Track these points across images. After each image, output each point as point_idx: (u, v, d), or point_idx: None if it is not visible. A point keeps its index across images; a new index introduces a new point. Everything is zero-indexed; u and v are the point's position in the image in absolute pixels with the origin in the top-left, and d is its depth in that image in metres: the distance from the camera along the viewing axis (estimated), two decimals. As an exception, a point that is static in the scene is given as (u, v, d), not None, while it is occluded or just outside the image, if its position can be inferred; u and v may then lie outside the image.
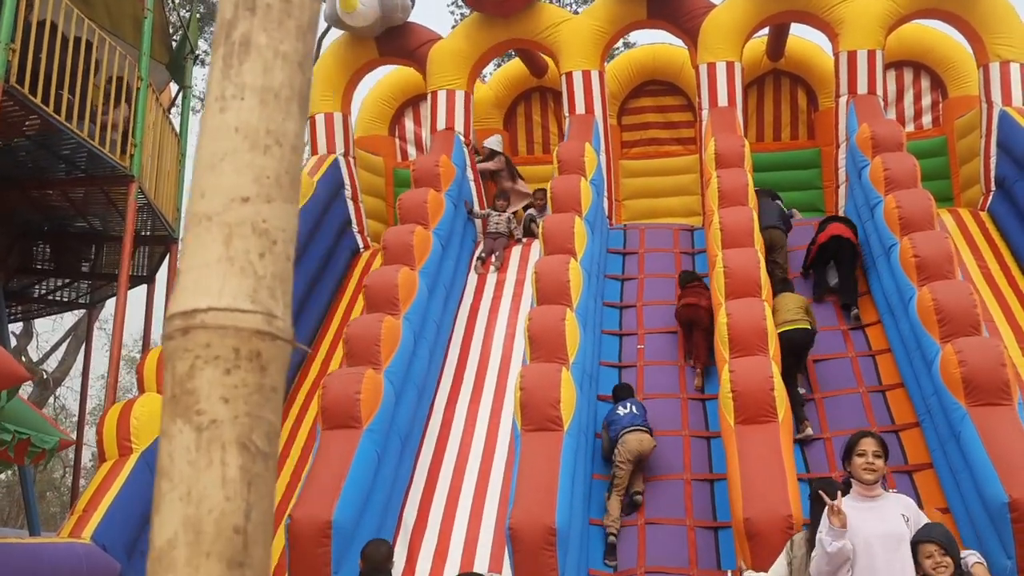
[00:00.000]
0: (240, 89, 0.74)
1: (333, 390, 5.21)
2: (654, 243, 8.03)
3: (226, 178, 0.73)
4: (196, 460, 0.67)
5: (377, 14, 8.04)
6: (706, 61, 7.92)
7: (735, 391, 5.04)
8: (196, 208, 0.74)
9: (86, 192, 7.21)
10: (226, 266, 0.72)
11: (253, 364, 0.71)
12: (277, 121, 0.75)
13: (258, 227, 0.73)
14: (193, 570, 0.66)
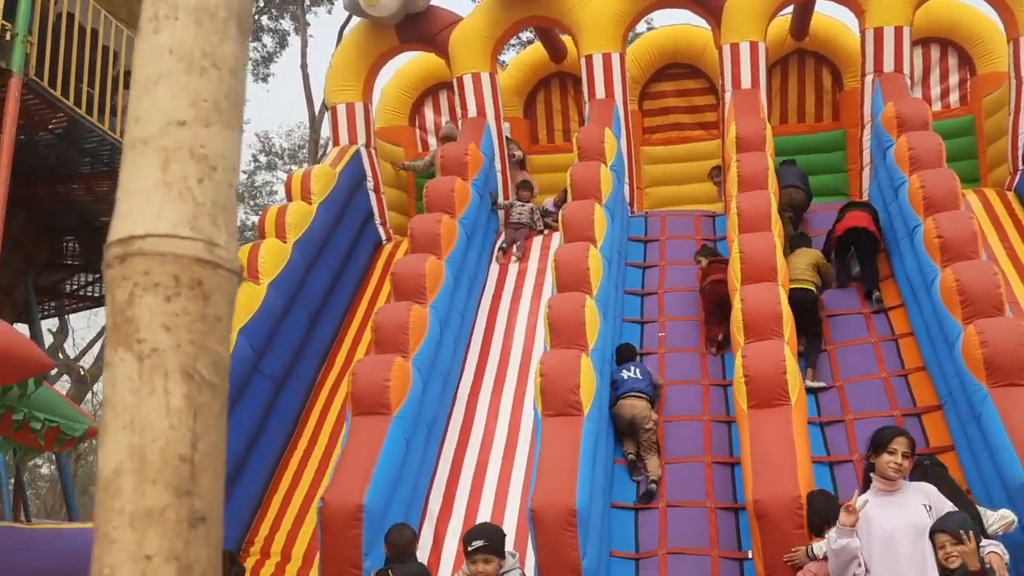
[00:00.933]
0: (173, 8, 0.72)
1: (363, 377, 5.26)
2: (676, 230, 7.98)
3: (161, 101, 0.71)
4: (139, 388, 0.66)
5: (399, 3, 8.03)
6: (729, 41, 7.82)
7: (748, 376, 5.02)
8: (132, 133, 0.72)
9: (110, 186, 7.31)
10: (163, 191, 0.70)
11: (195, 292, 0.69)
12: (214, 42, 0.72)
13: (196, 152, 0.71)
14: (140, 497, 0.65)
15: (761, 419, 4.79)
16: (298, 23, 21.13)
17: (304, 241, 6.92)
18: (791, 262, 6.24)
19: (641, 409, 5.62)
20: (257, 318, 6.12)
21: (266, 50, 21.49)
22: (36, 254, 7.74)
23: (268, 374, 6.22)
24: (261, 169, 24.09)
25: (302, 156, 24.20)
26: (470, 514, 5.56)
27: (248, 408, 5.91)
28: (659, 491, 5.47)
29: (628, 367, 5.91)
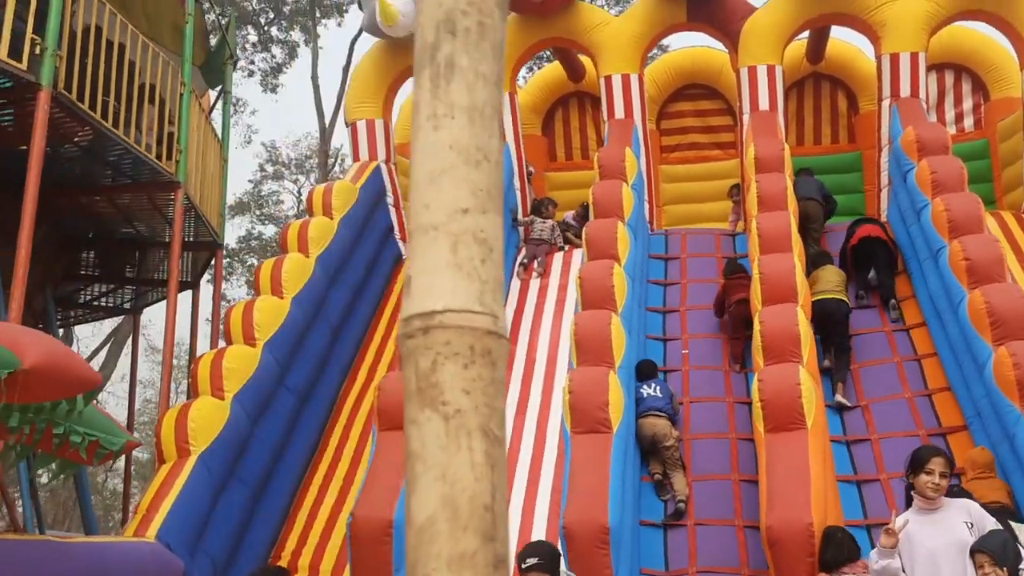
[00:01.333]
0: (450, 108, 0.80)
1: (389, 392, 5.27)
2: (696, 248, 8.03)
3: (446, 192, 0.79)
4: (447, 445, 0.74)
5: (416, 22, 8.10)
6: (747, 64, 7.91)
7: (763, 399, 5.04)
8: (421, 219, 0.80)
9: (132, 198, 7.34)
10: (455, 271, 0.78)
11: (486, 360, 0.78)
12: (484, 138, 0.80)
13: (478, 236, 0.80)
14: (455, 543, 0.72)
15: (777, 443, 4.81)
16: (308, 35, 21.26)
17: (326, 256, 6.95)
18: (821, 275, 6.38)
19: (661, 428, 5.65)
20: (281, 332, 6.13)
21: (275, 61, 21.61)
22: (55, 265, 7.75)
23: (292, 388, 6.22)
24: (268, 179, 24.15)
25: (309, 166, 24.27)
26: (494, 531, 5.55)
27: (273, 422, 5.91)
28: (687, 509, 5.48)
29: (649, 384, 5.95)
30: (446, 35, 0.81)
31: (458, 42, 0.81)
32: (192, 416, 5.17)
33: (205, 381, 5.51)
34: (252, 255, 22.87)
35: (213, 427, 5.24)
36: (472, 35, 0.82)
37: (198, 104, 7.47)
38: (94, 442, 3.63)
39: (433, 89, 0.81)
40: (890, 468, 5.36)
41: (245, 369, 5.66)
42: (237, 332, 5.93)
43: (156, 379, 23.44)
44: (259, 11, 20.75)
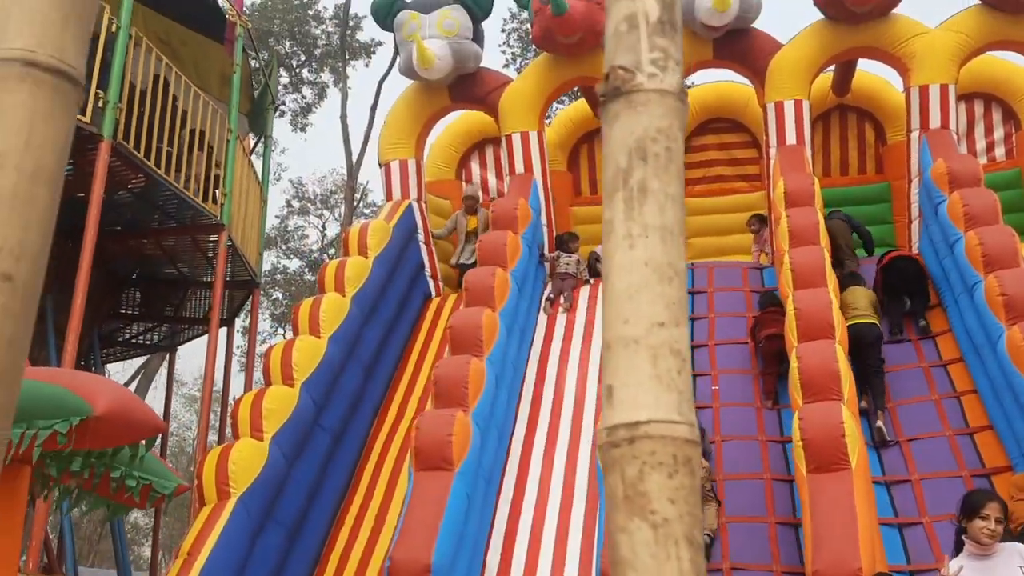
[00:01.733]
0: (644, 228, 0.86)
1: (426, 432, 5.33)
2: (723, 282, 8.03)
3: (644, 307, 0.84)
4: (656, 554, 0.78)
5: (451, 66, 8.32)
6: (773, 100, 7.98)
7: (804, 439, 4.98)
8: (621, 332, 0.84)
9: (177, 239, 7.58)
10: (656, 383, 0.83)
11: (686, 468, 0.83)
12: (674, 255, 0.86)
13: (673, 348, 0.84)
14: None
15: (821, 484, 4.76)
16: (337, 75, 21.81)
17: (361, 294, 7.08)
18: (848, 298, 6.39)
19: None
20: (318, 372, 6.25)
21: (305, 101, 22.17)
22: (102, 305, 8.00)
23: (327, 427, 6.32)
24: (293, 214, 24.61)
25: (334, 201, 24.73)
26: (529, 570, 5.55)
27: (309, 462, 6.00)
28: (721, 550, 5.43)
29: None
30: (638, 161, 0.87)
31: (649, 167, 0.87)
32: (233, 459, 5.28)
33: (245, 422, 5.63)
34: (277, 288, 23.23)
35: (252, 469, 5.34)
36: (661, 160, 0.88)
37: (243, 148, 7.73)
38: (147, 486, 3.74)
39: (627, 211, 0.87)
40: (932, 511, 5.27)
41: (284, 410, 5.77)
42: (276, 372, 6.06)
43: (178, 411, 23.71)
44: (291, 54, 21.35)
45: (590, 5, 8.00)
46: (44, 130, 0.83)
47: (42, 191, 0.82)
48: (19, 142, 0.81)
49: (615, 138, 0.87)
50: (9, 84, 0.83)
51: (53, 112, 0.84)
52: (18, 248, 0.78)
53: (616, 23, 0.87)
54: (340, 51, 21.24)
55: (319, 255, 24.27)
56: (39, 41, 0.84)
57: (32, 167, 0.81)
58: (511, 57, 21.16)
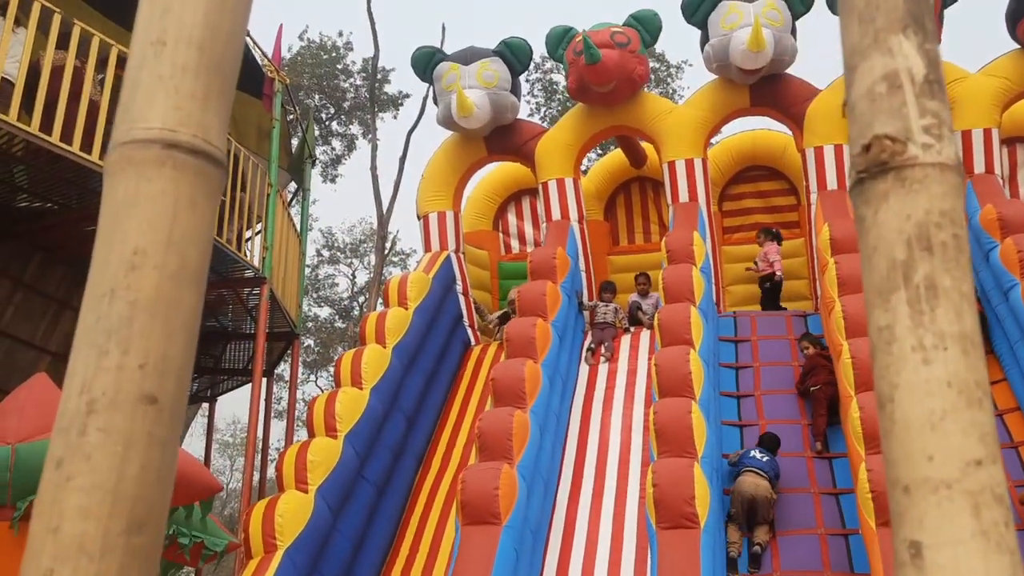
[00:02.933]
0: (940, 338, 0.69)
1: (472, 485, 5.25)
2: (767, 330, 7.92)
3: (953, 440, 0.68)
4: None
5: (490, 116, 8.45)
6: (812, 145, 7.97)
7: (875, 491, 4.83)
8: (926, 472, 0.68)
9: (219, 293, 7.67)
10: (982, 541, 0.65)
11: None
12: (979, 371, 0.69)
13: (995, 493, 0.66)
14: None
15: (892, 538, 4.58)
16: (366, 128, 22.29)
17: (402, 346, 7.08)
18: None
19: (761, 490, 5.66)
20: (361, 423, 6.21)
21: (335, 153, 22.64)
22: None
23: (371, 479, 6.25)
24: (324, 263, 24.91)
25: (363, 250, 25.01)
26: (578, 629, 5.37)
27: (353, 515, 5.92)
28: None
29: (762, 450, 6.02)
30: (922, 253, 0.70)
31: (937, 260, 0.71)
32: (279, 511, 5.22)
33: (290, 474, 5.58)
34: (308, 336, 23.37)
35: (298, 521, 5.28)
36: (950, 250, 0.71)
37: (281, 202, 7.86)
38: (199, 544, 3.70)
39: (914, 315, 0.70)
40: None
41: (328, 462, 5.72)
42: (319, 424, 6.03)
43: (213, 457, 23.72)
44: (320, 107, 21.90)
45: (623, 54, 8.11)
46: (187, 221, 0.72)
47: (186, 294, 0.71)
48: (160, 237, 0.70)
49: (886, 223, 0.71)
50: (148, 170, 0.72)
51: (196, 200, 0.73)
52: (162, 363, 0.68)
53: (870, 83, 0.73)
54: (369, 104, 21.74)
55: (349, 303, 24.45)
56: (180, 118, 0.74)
57: (175, 266, 0.70)
58: (535, 107, 21.51)
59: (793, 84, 8.32)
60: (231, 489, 24.26)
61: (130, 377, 0.67)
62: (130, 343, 0.68)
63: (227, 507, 22.87)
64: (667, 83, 20.96)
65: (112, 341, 0.68)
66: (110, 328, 0.68)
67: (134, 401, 0.66)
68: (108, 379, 0.66)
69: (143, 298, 0.69)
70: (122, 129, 0.74)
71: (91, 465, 0.64)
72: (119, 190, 0.72)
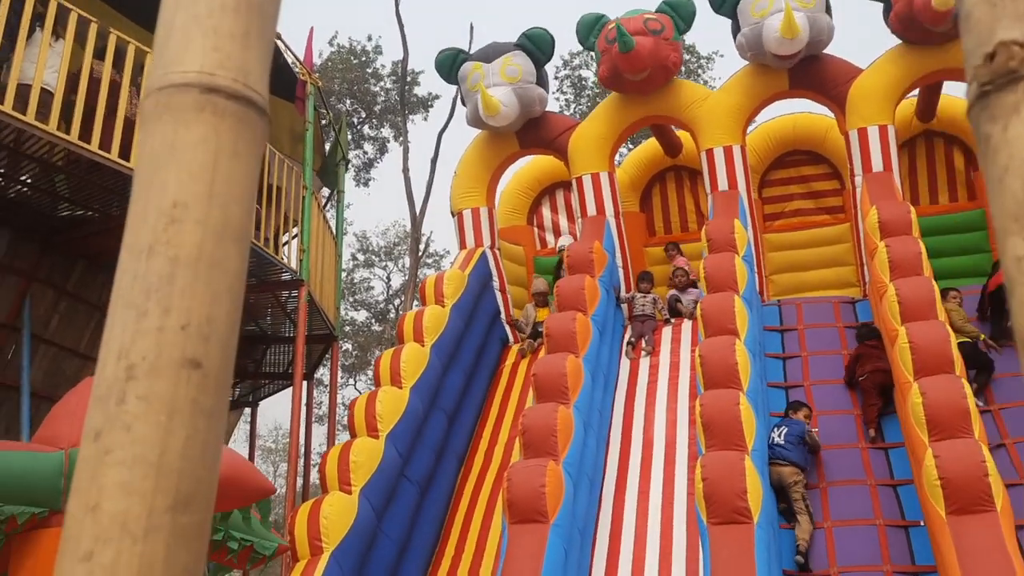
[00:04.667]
0: None
1: (518, 483, 5.16)
2: (814, 318, 7.69)
3: None
4: None
5: (517, 112, 8.36)
6: (856, 127, 7.72)
7: (944, 478, 4.63)
8: None
9: (257, 297, 7.70)
10: None
11: None
12: None
13: None
14: None
15: (965, 527, 4.39)
16: (397, 131, 22.39)
17: (440, 344, 7.02)
18: None
19: (786, 476, 5.70)
20: (402, 423, 6.16)
21: (367, 157, 22.78)
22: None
23: (414, 479, 6.20)
24: (359, 267, 25.08)
25: (397, 252, 25.14)
26: (630, 629, 5.25)
27: (398, 515, 5.87)
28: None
29: (780, 425, 6.06)
30: None
31: None
32: (324, 512, 5.19)
33: (333, 476, 5.56)
34: (346, 340, 23.56)
35: (343, 523, 5.24)
36: None
37: (317, 204, 7.87)
38: (248, 547, 3.67)
39: None
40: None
41: (371, 462, 5.68)
42: (360, 424, 6.00)
43: (257, 463, 24.03)
44: (351, 112, 22.05)
45: (657, 41, 7.95)
46: (230, 172, 0.66)
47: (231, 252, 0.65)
48: (201, 189, 0.64)
49: (1019, 139, 0.63)
50: (186, 116, 0.66)
51: (238, 149, 0.67)
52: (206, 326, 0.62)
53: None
54: (400, 107, 21.82)
55: (385, 305, 24.58)
56: (219, 60, 0.67)
57: (218, 221, 0.64)
58: (565, 104, 21.36)
59: (833, 64, 8.08)
60: (276, 495, 24.53)
61: (172, 340, 0.61)
62: (171, 303, 0.61)
63: (272, 512, 23.15)
64: (698, 75, 20.65)
65: (152, 300, 0.61)
66: (149, 287, 0.62)
67: (177, 366, 0.60)
68: (148, 342, 0.60)
69: (184, 255, 0.63)
70: (157, 75, 0.68)
71: (132, 436, 0.58)
72: (156, 138, 0.66)
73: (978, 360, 6.23)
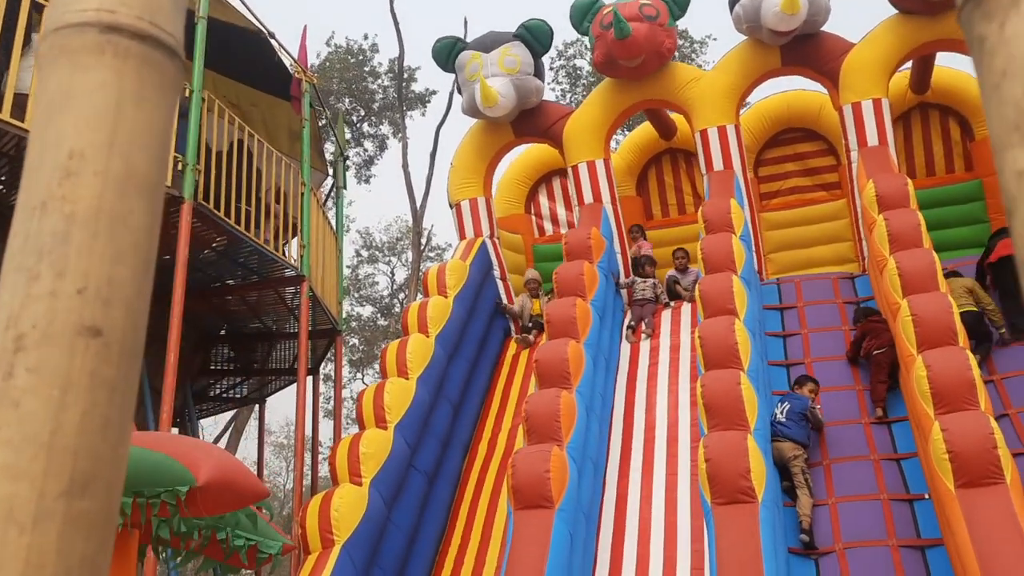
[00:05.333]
0: None
1: (522, 469, 5.21)
2: (813, 295, 7.71)
3: None
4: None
5: (515, 103, 8.37)
6: (850, 101, 7.70)
7: (952, 451, 4.62)
8: None
9: (260, 294, 7.77)
10: None
11: None
12: None
13: None
14: None
15: (974, 500, 4.40)
16: (396, 127, 22.38)
17: (444, 334, 7.07)
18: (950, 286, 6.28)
19: (787, 451, 5.72)
20: (410, 414, 6.23)
21: (367, 154, 22.79)
22: (192, 362, 8.23)
23: (422, 469, 6.26)
24: (363, 263, 25.16)
25: (400, 247, 25.20)
26: (638, 609, 5.31)
27: (407, 506, 5.94)
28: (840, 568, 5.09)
29: (784, 400, 6.06)
30: None
31: None
32: (335, 505, 5.26)
33: (343, 468, 5.62)
34: (352, 335, 23.66)
35: (354, 515, 5.30)
36: None
37: (316, 200, 7.91)
38: (253, 546, 3.72)
39: None
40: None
41: (380, 454, 5.74)
42: (369, 416, 6.06)
43: (268, 459, 24.21)
44: (350, 110, 22.06)
45: (652, 27, 7.94)
46: (134, 120, 0.59)
47: (136, 207, 0.58)
48: (101, 138, 0.58)
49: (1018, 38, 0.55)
50: (83, 59, 0.59)
51: (144, 94, 0.60)
52: (107, 288, 0.55)
53: None
54: (398, 103, 21.82)
55: (390, 300, 24.66)
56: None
57: (121, 172, 0.58)
58: (560, 94, 21.30)
59: (826, 40, 8.05)
60: (288, 490, 24.74)
61: (67, 305, 0.54)
62: (66, 264, 0.55)
63: (285, 508, 23.34)
64: (691, 59, 20.56)
65: (44, 263, 0.55)
66: (41, 248, 0.55)
67: (72, 334, 0.54)
68: (39, 308, 0.54)
69: (81, 211, 0.57)
70: (54, 14, 0.62)
71: (20, 414, 0.52)
72: (51, 84, 0.60)
73: (979, 330, 6.23)
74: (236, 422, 17.16)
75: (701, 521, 5.55)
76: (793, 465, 5.65)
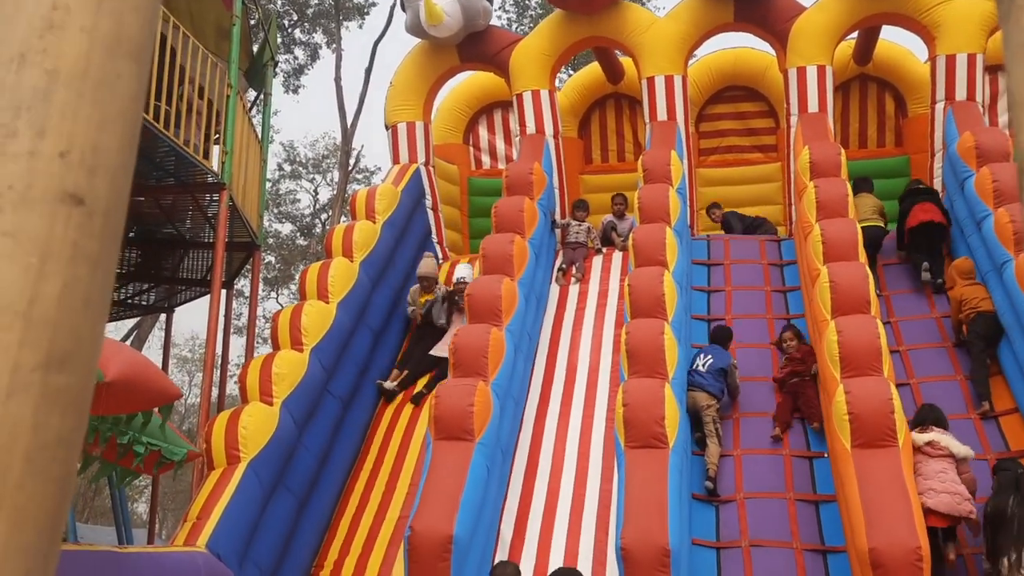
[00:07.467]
0: None
1: (446, 401, 5.16)
2: (740, 254, 7.87)
3: None
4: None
5: (461, 23, 7.99)
6: (796, 65, 7.74)
7: (852, 413, 4.86)
8: None
9: (176, 198, 7.28)
10: None
11: None
12: None
13: None
14: None
15: (868, 460, 4.65)
16: (330, 37, 21.24)
17: (370, 260, 6.85)
18: (858, 203, 6.83)
19: (700, 400, 5.89)
20: (327, 338, 6.04)
21: (297, 63, 21.61)
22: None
23: (337, 394, 6.13)
24: (285, 178, 24.20)
25: (326, 166, 24.32)
26: (543, 544, 5.42)
27: (319, 429, 5.82)
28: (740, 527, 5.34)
29: (704, 353, 6.19)
30: None
31: None
32: (243, 423, 5.08)
33: (254, 387, 5.42)
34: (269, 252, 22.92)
35: (263, 434, 5.15)
36: None
37: (242, 106, 7.39)
38: (155, 452, 3.55)
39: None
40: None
41: (294, 375, 5.57)
42: (285, 337, 5.84)
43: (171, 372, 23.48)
44: (282, 13, 20.74)
45: (608, -38, 7.69)
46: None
47: (125, 69, 0.54)
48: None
49: None
50: None
51: None
52: (92, 155, 0.52)
53: None
54: (333, 11, 20.66)
55: (311, 219, 23.89)
56: None
57: (110, 32, 0.54)
58: (507, 22, 20.67)
59: (780, 0, 8.01)
60: (189, 404, 24.12)
61: (47, 168, 0.50)
62: (47, 123, 0.51)
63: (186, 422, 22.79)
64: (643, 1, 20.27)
65: (21, 120, 0.50)
66: (19, 102, 0.50)
67: (53, 200, 0.50)
68: (16, 168, 0.49)
69: (65, 68, 0.52)
70: None
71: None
72: None
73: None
74: (139, 331, 16.44)
75: (612, 462, 5.68)
76: (706, 415, 5.82)
